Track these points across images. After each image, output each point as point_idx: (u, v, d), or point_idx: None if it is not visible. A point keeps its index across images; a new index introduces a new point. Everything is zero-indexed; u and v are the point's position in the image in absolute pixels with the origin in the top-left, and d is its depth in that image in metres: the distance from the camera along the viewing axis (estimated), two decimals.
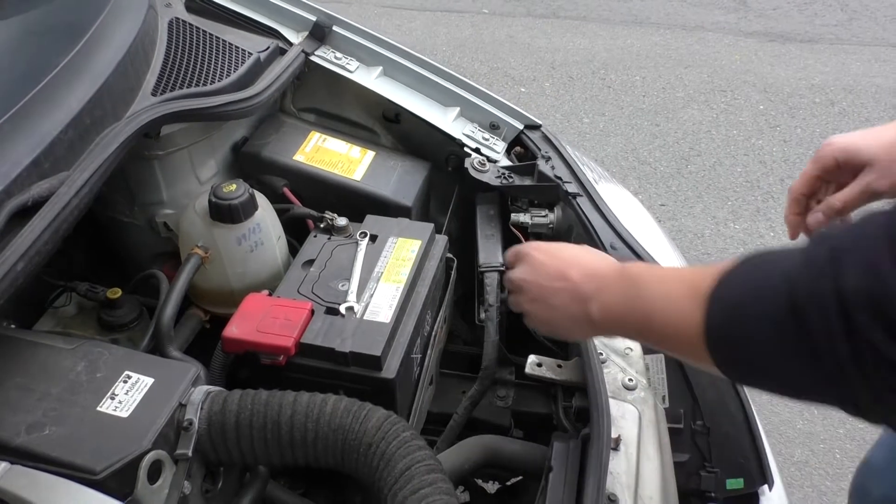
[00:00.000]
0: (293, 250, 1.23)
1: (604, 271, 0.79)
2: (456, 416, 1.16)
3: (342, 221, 1.17)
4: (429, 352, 1.15)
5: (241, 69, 1.18)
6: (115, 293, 1.15)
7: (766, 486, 1.07)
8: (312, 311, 1.02)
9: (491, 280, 1.19)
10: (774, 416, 2.18)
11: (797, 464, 2.04)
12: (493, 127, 1.34)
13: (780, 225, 2.92)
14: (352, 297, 1.05)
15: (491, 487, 1.34)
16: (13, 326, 1.14)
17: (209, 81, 1.13)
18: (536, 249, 0.87)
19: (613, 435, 0.93)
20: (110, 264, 1.36)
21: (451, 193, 1.38)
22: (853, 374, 0.51)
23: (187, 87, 1.10)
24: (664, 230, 1.36)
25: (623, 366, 1.01)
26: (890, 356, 0.49)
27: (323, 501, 1.07)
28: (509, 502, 1.30)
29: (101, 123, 0.96)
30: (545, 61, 4.06)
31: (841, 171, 0.86)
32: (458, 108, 1.35)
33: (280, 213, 1.23)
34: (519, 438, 1.29)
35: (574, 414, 1.08)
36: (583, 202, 1.16)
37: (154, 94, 1.06)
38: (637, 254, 1.09)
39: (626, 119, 3.57)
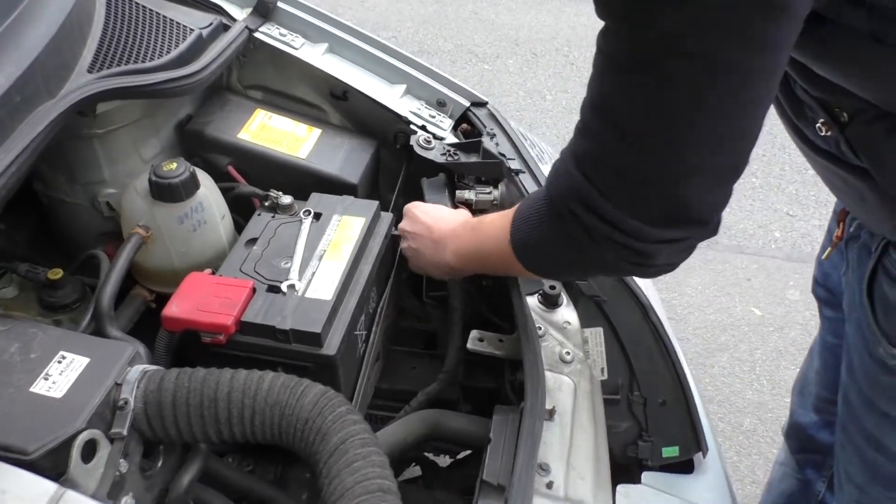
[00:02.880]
0: (240, 229, 1.22)
1: (456, 224, 1.10)
2: (407, 408, 1.17)
3: (287, 199, 1.17)
4: (374, 328, 1.16)
5: (183, 46, 1.17)
6: (56, 274, 1.14)
7: (700, 454, 1.10)
8: (254, 290, 1.02)
9: (453, 283, 1.21)
10: (726, 388, 2.24)
11: (745, 432, 2.10)
12: (440, 104, 1.34)
13: (736, 201, 2.98)
14: (294, 275, 1.05)
15: (443, 461, 1.37)
16: None
17: (149, 58, 1.11)
18: (415, 207, 1.17)
19: (548, 406, 0.95)
20: (55, 245, 1.35)
21: (399, 171, 1.38)
22: (590, 243, 0.80)
23: (125, 64, 1.08)
24: None
25: (561, 339, 1.04)
26: (595, 224, 0.78)
27: (272, 478, 1.08)
28: (460, 475, 1.32)
29: (33, 101, 0.94)
30: (509, 38, 4.06)
31: None
32: (405, 86, 1.35)
33: (225, 191, 1.22)
34: (467, 413, 1.31)
35: (518, 386, 1.11)
36: (525, 179, 1.17)
37: (90, 70, 1.05)
38: None
39: None
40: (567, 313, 1.08)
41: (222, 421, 0.87)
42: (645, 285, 1.21)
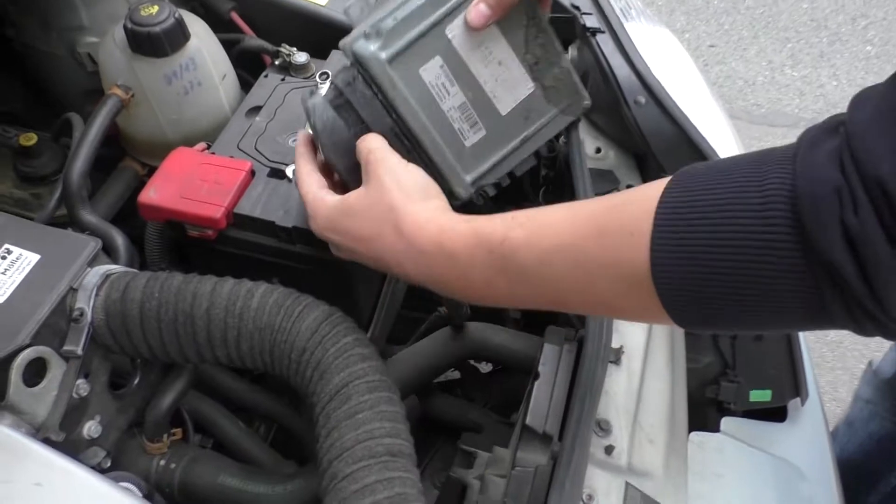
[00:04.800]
0: (248, 89, 1.00)
1: (447, 249, 0.59)
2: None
3: (301, 58, 0.94)
4: None
5: None
6: (30, 139, 0.96)
7: (797, 400, 0.89)
8: (252, 173, 0.82)
9: None
10: None
11: (830, 343, 1.87)
12: None
13: (846, 73, 2.57)
14: None
15: (484, 367, 1.20)
16: None
17: None
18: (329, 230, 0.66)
19: (615, 345, 0.75)
20: (49, 104, 1.16)
21: None
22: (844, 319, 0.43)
23: None
24: (708, 81, 1.09)
25: None
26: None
27: (277, 387, 0.93)
28: (502, 388, 1.16)
29: None
30: None
31: None
32: None
33: (228, 45, 1.00)
34: (515, 319, 1.13)
35: None
36: (604, 40, 0.90)
37: None
38: (668, 112, 0.85)
39: None
40: None
41: (201, 342, 0.69)
42: None
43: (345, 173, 0.72)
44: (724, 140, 0.95)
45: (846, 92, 2.51)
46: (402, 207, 0.62)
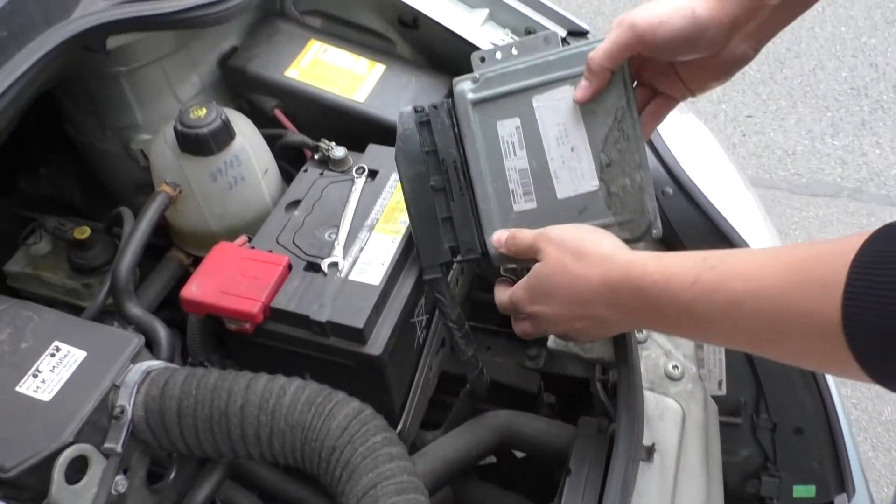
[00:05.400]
0: (290, 180, 1.05)
1: (636, 286, 0.62)
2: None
3: (339, 152, 0.98)
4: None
5: None
6: (83, 232, 1.01)
7: (844, 496, 0.86)
8: (290, 267, 0.85)
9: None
10: None
11: (885, 423, 1.80)
12: (529, 34, 1.09)
13: (889, 141, 2.54)
14: (338, 251, 0.87)
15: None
16: None
17: None
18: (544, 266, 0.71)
19: (647, 441, 0.74)
20: (105, 195, 1.22)
21: None
22: None
23: None
24: (738, 161, 1.10)
25: (668, 347, 0.81)
26: None
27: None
28: (539, 470, 1.14)
29: (26, 35, 0.78)
30: None
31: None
32: (486, 10, 1.10)
33: (271, 139, 1.05)
34: (550, 404, 1.12)
35: (612, 388, 0.90)
36: None
37: None
38: (696, 202, 0.86)
39: None
40: None
41: (235, 440, 0.71)
42: None
43: (405, 183, 0.80)
44: (755, 225, 0.95)
45: (890, 160, 2.48)
46: (582, 251, 0.67)
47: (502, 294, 0.78)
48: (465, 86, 0.77)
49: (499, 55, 0.76)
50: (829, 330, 0.48)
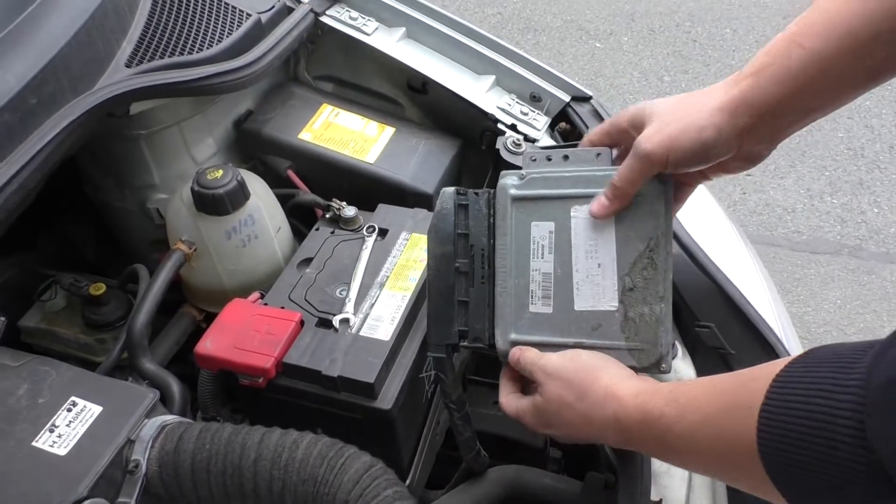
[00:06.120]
0: (301, 238, 1.08)
1: (624, 426, 0.66)
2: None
3: (350, 212, 1.01)
4: None
5: (237, 34, 1.03)
6: (99, 289, 1.03)
7: None
8: (302, 323, 0.87)
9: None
10: None
11: None
12: (534, 98, 1.14)
13: (887, 199, 2.58)
14: (349, 307, 0.89)
15: None
16: (2, 319, 1.05)
17: (196, 49, 0.98)
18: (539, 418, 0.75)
19: (654, 497, 0.74)
20: (119, 253, 1.25)
21: (487, 174, 1.19)
22: None
23: (169, 56, 0.95)
24: (737, 225, 1.13)
25: None
26: None
27: None
28: None
29: (55, 103, 0.82)
30: (624, 12, 3.74)
31: (631, 132, 0.73)
32: (493, 77, 1.15)
33: (284, 199, 1.08)
34: (556, 459, 1.12)
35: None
36: None
37: (128, 65, 0.92)
38: (697, 261, 0.88)
39: (713, 77, 3.23)
40: (682, 367, 0.85)
41: (248, 493, 0.72)
42: (782, 327, 0.96)
43: (431, 259, 0.81)
44: (756, 283, 0.97)
45: (888, 218, 2.52)
46: (582, 390, 0.70)
47: (509, 407, 0.79)
48: (509, 181, 0.78)
49: (549, 158, 0.78)
50: (751, 453, 0.51)
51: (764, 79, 0.64)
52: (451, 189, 0.82)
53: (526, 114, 1.11)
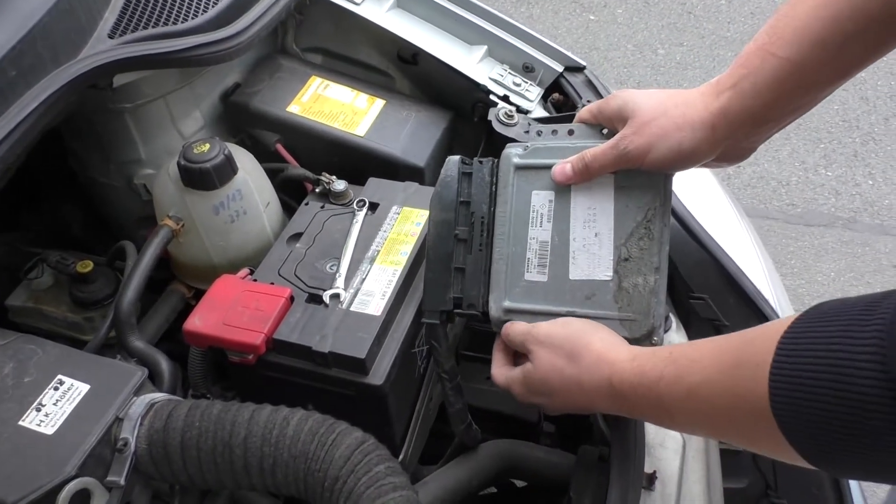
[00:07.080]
0: (292, 213, 1.06)
1: (618, 390, 0.66)
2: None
3: (340, 186, 0.99)
4: None
5: (223, 2, 1.00)
6: (86, 266, 1.02)
7: None
8: (292, 299, 0.86)
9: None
10: None
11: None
12: (527, 69, 1.12)
13: (882, 172, 2.57)
14: (339, 282, 0.88)
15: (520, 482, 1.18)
16: None
17: (181, 18, 0.95)
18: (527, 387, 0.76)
19: (648, 469, 0.74)
20: (107, 229, 1.23)
21: (479, 147, 1.17)
22: None
23: (153, 27, 0.92)
24: (732, 198, 1.11)
25: None
26: None
27: None
28: (539, 500, 1.13)
29: (35, 74, 0.79)
30: None
31: (615, 122, 0.74)
32: (485, 47, 1.13)
33: (273, 173, 1.06)
34: (549, 433, 1.12)
35: (612, 419, 0.90)
36: None
37: (111, 36, 0.89)
38: (693, 233, 0.87)
39: (708, 49, 3.20)
40: (676, 339, 0.85)
41: (238, 470, 0.71)
42: (777, 299, 0.96)
43: (432, 226, 0.82)
44: (750, 255, 0.96)
45: (882, 190, 2.51)
46: (575, 354, 0.70)
47: (500, 375, 0.79)
48: (513, 150, 0.80)
49: (555, 132, 0.79)
50: (761, 410, 0.50)
51: (741, 91, 0.65)
52: (456, 157, 0.82)
53: (518, 84, 1.09)
